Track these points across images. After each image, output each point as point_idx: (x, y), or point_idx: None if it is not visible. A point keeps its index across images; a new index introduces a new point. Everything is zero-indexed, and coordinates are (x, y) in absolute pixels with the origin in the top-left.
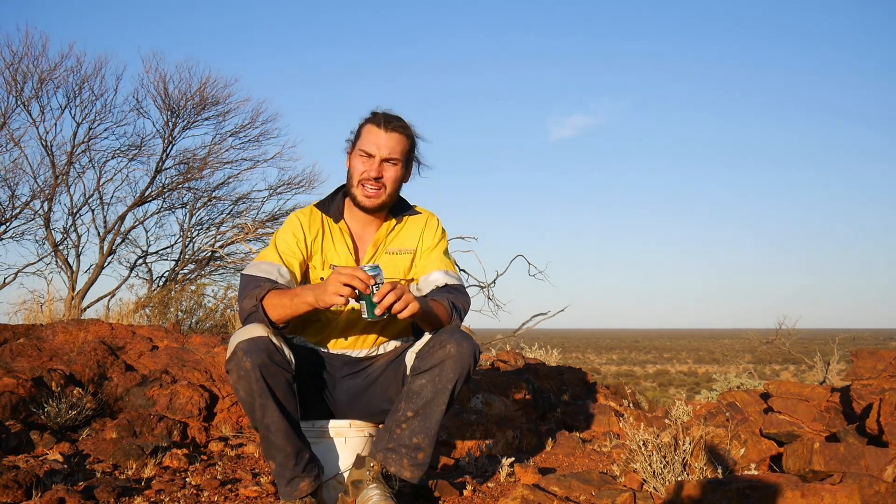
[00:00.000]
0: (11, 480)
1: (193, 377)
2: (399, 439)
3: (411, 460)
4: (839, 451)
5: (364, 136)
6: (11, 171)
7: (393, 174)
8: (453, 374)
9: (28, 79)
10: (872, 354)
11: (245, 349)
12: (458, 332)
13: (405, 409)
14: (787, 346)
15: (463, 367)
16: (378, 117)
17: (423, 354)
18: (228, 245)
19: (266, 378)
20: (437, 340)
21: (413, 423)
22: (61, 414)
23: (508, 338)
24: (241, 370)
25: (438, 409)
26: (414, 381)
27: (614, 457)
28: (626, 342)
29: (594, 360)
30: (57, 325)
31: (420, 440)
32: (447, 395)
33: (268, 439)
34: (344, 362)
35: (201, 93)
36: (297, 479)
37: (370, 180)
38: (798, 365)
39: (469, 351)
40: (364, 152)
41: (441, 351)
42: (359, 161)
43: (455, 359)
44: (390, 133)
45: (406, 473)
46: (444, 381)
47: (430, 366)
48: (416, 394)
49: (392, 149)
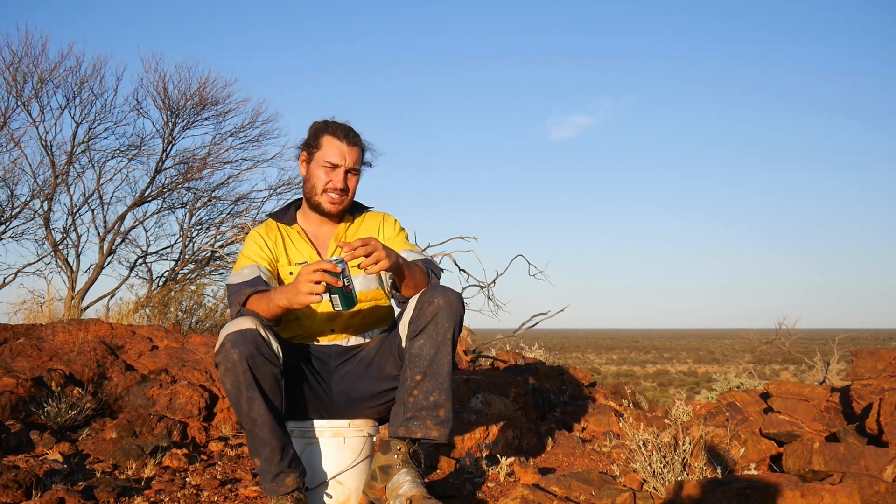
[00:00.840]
0: (11, 480)
1: (193, 377)
2: (416, 405)
3: (434, 419)
4: (839, 451)
5: (327, 148)
6: (11, 171)
7: (355, 182)
8: (448, 323)
9: (28, 79)
10: (872, 354)
11: (233, 341)
12: (441, 286)
13: (412, 375)
14: (787, 346)
15: (455, 314)
16: (338, 130)
17: (415, 319)
18: (228, 245)
19: (253, 370)
20: (423, 299)
21: (424, 385)
22: (61, 414)
23: (508, 338)
24: (228, 362)
25: (444, 361)
26: (412, 345)
27: (614, 457)
28: (626, 342)
29: (594, 360)
30: (57, 325)
31: (437, 397)
32: (449, 345)
33: (253, 433)
34: (335, 353)
35: (201, 93)
36: (283, 475)
37: (336, 190)
38: (798, 365)
39: (456, 298)
40: (329, 163)
41: (430, 307)
42: (322, 171)
43: (445, 309)
44: (352, 147)
45: (434, 433)
46: (441, 334)
47: (424, 324)
48: (418, 356)
49: (355, 160)
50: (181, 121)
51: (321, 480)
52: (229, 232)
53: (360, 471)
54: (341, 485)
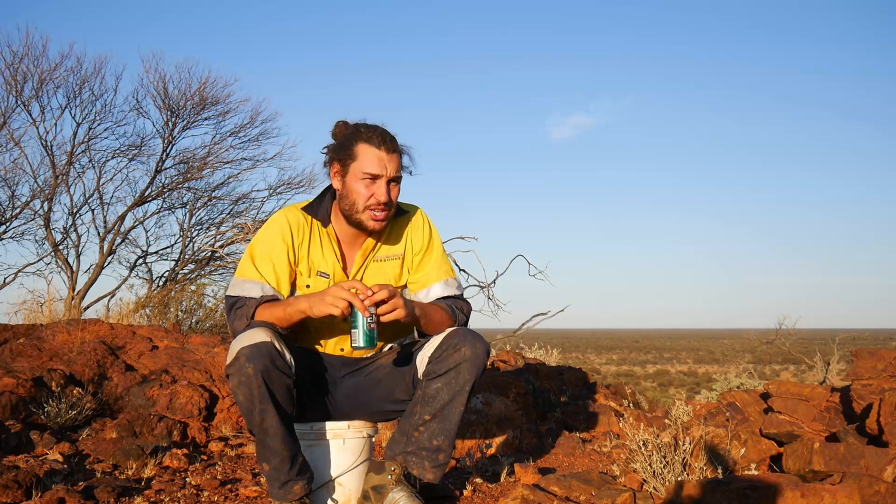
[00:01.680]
0: (11, 480)
1: (193, 377)
2: (418, 442)
3: (433, 462)
4: (839, 451)
5: (364, 158)
6: (11, 171)
7: (397, 192)
8: (469, 375)
9: (28, 79)
10: (872, 354)
11: (248, 355)
12: (471, 334)
13: (422, 413)
14: (787, 346)
15: (478, 368)
16: (374, 137)
17: (437, 359)
18: (228, 245)
19: (268, 384)
20: (449, 343)
21: (431, 426)
22: (61, 414)
23: (508, 338)
24: (242, 375)
25: (457, 410)
26: (429, 385)
27: (614, 457)
28: (626, 342)
29: (594, 360)
30: (57, 325)
31: (440, 442)
32: (464, 396)
33: (264, 443)
34: (343, 363)
35: (201, 93)
36: (292, 483)
37: (380, 205)
38: (798, 365)
39: (483, 351)
40: (369, 175)
41: (456, 354)
42: (362, 185)
43: (470, 360)
44: (392, 154)
45: (429, 475)
46: (460, 384)
47: (446, 370)
48: (433, 398)
49: (396, 168)
50: (181, 121)
51: (322, 482)
52: (229, 232)
53: (359, 472)
54: (342, 486)
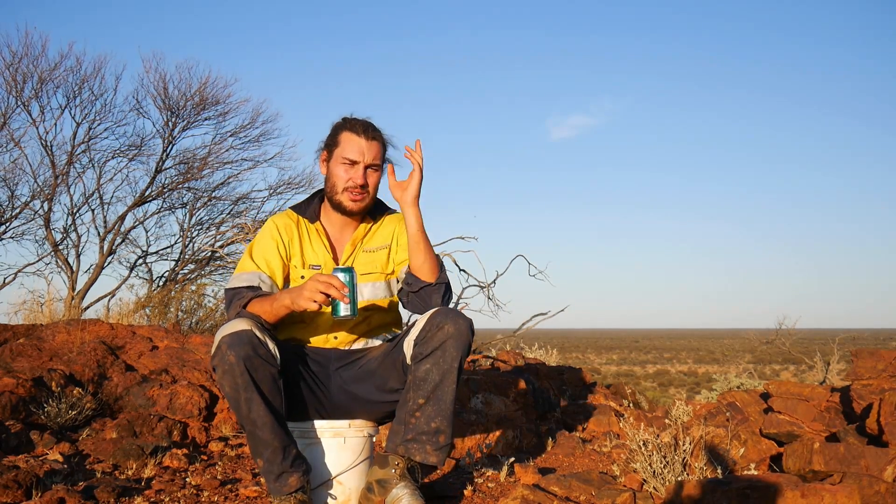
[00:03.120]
0: (11, 480)
1: (193, 377)
2: (416, 428)
3: (434, 445)
4: (839, 451)
5: (345, 145)
6: (11, 171)
7: (375, 179)
8: (456, 352)
9: (28, 79)
10: (872, 354)
11: (229, 343)
12: (453, 312)
13: (415, 398)
14: (787, 346)
15: (464, 345)
16: (357, 125)
17: (422, 340)
18: (228, 245)
19: (251, 371)
20: (432, 323)
21: (427, 409)
22: (61, 414)
23: (508, 338)
24: (225, 364)
25: (449, 389)
26: (418, 368)
27: (614, 457)
28: (626, 342)
29: (594, 360)
30: (57, 325)
31: (438, 423)
32: (454, 374)
33: (254, 435)
34: (335, 356)
35: (201, 93)
36: (286, 475)
37: (356, 188)
38: (798, 365)
39: (466, 327)
40: (348, 160)
41: (440, 333)
42: (341, 169)
43: (455, 337)
44: (371, 141)
45: (432, 459)
46: (448, 362)
47: (432, 349)
48: (423, 380)
49: (374, 156)
50: (181, 121)
51: (322, 480)
52: (229, 232)
53: (360, 471)
54: (342, 485)
